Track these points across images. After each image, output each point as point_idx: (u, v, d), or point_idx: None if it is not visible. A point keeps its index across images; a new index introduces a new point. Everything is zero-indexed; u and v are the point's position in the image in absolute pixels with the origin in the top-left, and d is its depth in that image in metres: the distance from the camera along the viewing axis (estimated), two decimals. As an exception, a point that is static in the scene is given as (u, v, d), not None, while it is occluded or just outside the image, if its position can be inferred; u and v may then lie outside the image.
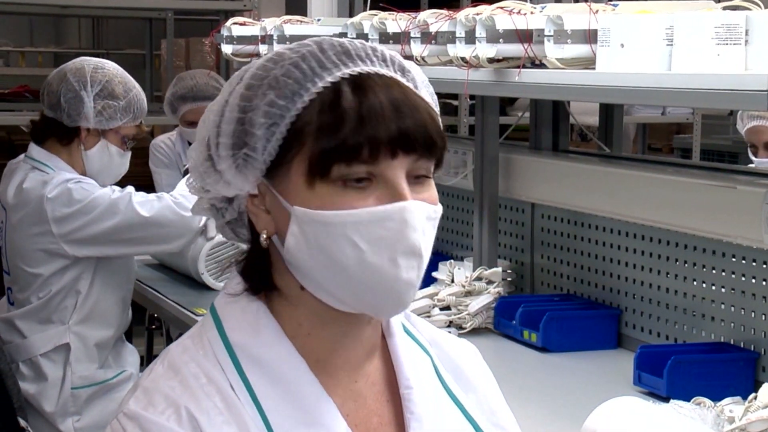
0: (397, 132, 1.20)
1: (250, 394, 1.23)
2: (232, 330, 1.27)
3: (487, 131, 3.34)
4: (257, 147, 1.23)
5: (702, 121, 6.57)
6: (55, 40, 12.27)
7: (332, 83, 1.22)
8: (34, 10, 8.86)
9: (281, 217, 1.24)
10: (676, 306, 2.84)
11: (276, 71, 1.24)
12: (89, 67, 3.25)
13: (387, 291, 1.21)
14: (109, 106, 3.22)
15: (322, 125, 1.20)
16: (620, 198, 3.01)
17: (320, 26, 3.54)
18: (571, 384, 2.71)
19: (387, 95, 1.22)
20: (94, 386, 3.25)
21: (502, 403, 1.40)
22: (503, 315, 3.09)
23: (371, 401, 1.30)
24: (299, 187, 1.21)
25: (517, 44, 2.41)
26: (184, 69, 7.10)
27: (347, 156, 1.19)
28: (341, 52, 1.24)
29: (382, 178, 1.20)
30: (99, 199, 3.17)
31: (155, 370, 1.26)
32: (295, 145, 1.21)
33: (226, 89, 1.28)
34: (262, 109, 1.22)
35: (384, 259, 1.20)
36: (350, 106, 1.20)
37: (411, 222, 1.20)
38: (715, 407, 2.26)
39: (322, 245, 1.20)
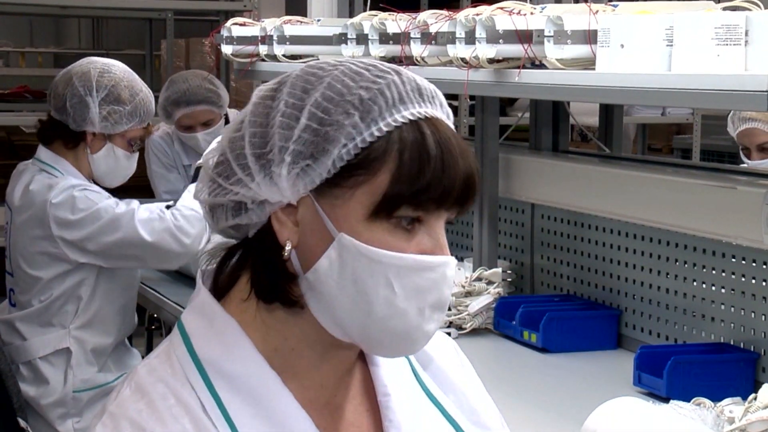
0: (464, 183, 1.20)
1: (222, 412, 1.20)
2: (202, 346, 1.24)
3: (487, 132, 3.34)
4: (325, 163, 1.19)
5: (702, 121, 6.58)
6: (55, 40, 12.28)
7: (411, 120, 1.20)
8: (34, 10, 8.86)
9: (315, 236, 1.21)
10: (676, 306, 2.84)
11: (361, 92, 1.20)
12: (95, 71, 3.23)
13: (403, 337, 1.21)
14: (114, 111, 3.20)
15: (405, 165, 1.18)
16: (620, 198, 3.01)
17: (320, 27, 3.54)
18: (571, 384, 2.71)
19: (457, 143, 1.21)
20: (95, 389, 3.25)
21: (483, 400, 1.39)
22: (503, 315, 3.09)
23: (349, 413, 1.28)
24: (355, 216, 1.19)
25: (517, 45, 2.41)
26: (184, 69, 7.11)
27: (420, 202, 1.18)
28: (416, 89, 1.23)
29: (427, 225, 1.20)
30: (102, 212, 3.15)
31: (122, 393, 1.23)
32: (363, 173, 1.19)
33: (287, 89, 1.22)
34: (346, 129, 1.19)
35: (413, 307, 1.20)
36: (434, 150, 1.19)
37: (449, 278, 1.22)
38: (714, 408, 2.26)
39: (357, 279, 1.19)
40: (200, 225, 3.19)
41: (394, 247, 1.19)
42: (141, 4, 7.23)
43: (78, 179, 3.23)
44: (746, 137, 3.91)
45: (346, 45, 3.04)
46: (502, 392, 2.52)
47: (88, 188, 3.20)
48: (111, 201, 3.19)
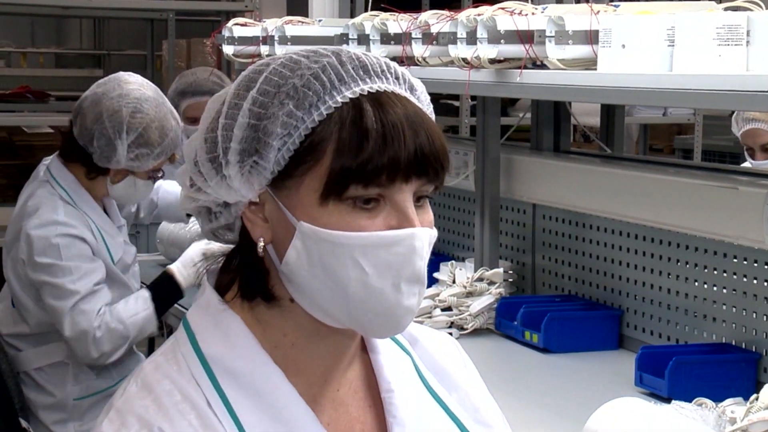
0: (415, 154, 1.19)
1: (227, 408, 1.21)
2: (207, 343, 1.24)
3: (489, 132, 3.34)
4: (269, 157, 1.20)
5: (703, 121, 6.58)
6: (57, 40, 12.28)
7: (352, 99, 1.20)
8: (35, 10, 8.87)
9: (281, 229, 1.22)
10: (677, 307, 2.84)
11: (295, 80, 1.21)
12: (127, 111, 3.08)
13: (386, 315, 1.21)
14: (143, 153, 3.11)
15: (344, 143, 1.18)
16: (621, 199, 3.01)
17: (321, 27, 3.54)
18: (572, 385, 2.71)
19: (406, 117, 1.20)
20: (95, 395, 3.22)
21: (485, 398, 1.39)
22: (504, 316, 3.09)
23: (353, 408, 1.28)
24: (309, 203, 1.19)
25: (518, 45, 2.41)
26: (185, 70, 7.11)
27: (366, 177, 1.17)
28: (359, 66, 1.22)
29: (391, 201, 1.19)
30: (58, 271, 3.05)
31: (128, 390, 1.24)
32: (310, 159, 1.19)
33: (232, 90, 1.25)
34: (281, 119, 1.19)
35: (387, 284, 1.19)
36: (372, 126, 1.18)
37: (419, 249, 1.19)
38: (716, 408, 2.26)
39: (325, 264, 1.19)
40: (119, 342, 3.11)
41: (355, 227, 1.18)
42: (142, 5, 7.23)
43: (87, 206, 3.15)
44: (750, 137, 3.92)
45: (348, 45, 3.04)
46: (504, 392, 2.52)
47: (70, 231, 3.08)
48: (73, 265, 3.06)
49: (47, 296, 3.08)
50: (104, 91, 3.14)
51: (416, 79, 1.27)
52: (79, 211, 3.16)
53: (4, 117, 7.16)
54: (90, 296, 3.08)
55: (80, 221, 3.14)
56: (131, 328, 3.13)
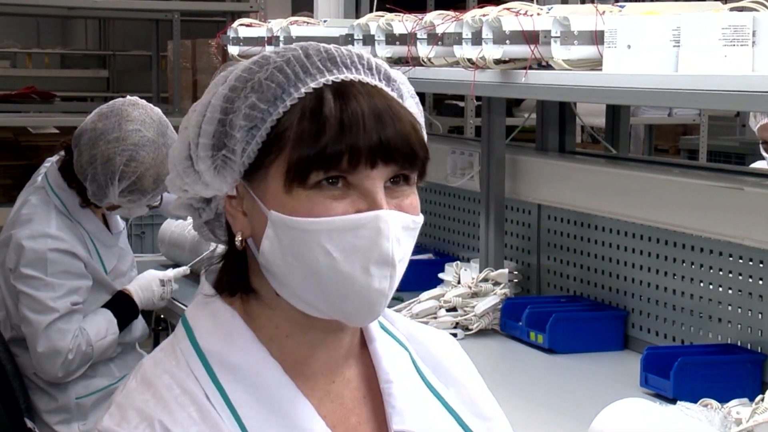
0: (378, 142, 1.20)
1: (226, 401, 1.22)
2: (204, 338, 1.26)
3: (494, 132, 3.33)
4: (236, 149, 1.22)
5: (709, 122, 6.58)
6: (62, 41, 12.31)
7: (315, 89, 1.22)
8: (40, 11, 8.89)
9: (258, 221, 1.23)
10: (682, 307, 2.83)
11: (260, 74, 1.23)
12: (121, 159, 3.02)
13: (358, 300, 1.21)
14: (135, 198, 3.09)
15: (303, 132, 1.20)
16: (626, 199, 3.01)
17: (326, 27, 3.54)
18: (577, 385, 2.71)
19: (369, 104, 1.21)
20: (97, 393, 3.22)
21: (483, 393, 1.40)
22: (510, 316, 3.09)
23: (349, 401, 1.29)
24: (276, 192, 1.21)
25: (523, 45, 2.41)
26: (190, 70, 7.12)
27: (326, 164, 1.19)
28: (326, 59, 1.24)
29: (359, 187, 1.20)
30: (41, 285, 3.03)
31: (128, 385, 1.25)
32: (275, 149, 1.21)
33: (211, 90, 1.27)
34: (243, 112, 1.22)
35: (356, 267, 1.19)
36: (331, 114, 1.20)
37: (385, 231, 1.19)
38: (722, 409, 2.26)
39: (295, 251, 1.20)
40: (84, 364, 3.10)
41: (320, 211, 1.19)
42: (147, 5, 7.24)
43: (81, 213, 3.14)
44: (766, 131, 3.93)
45: (353, 46, 3.03)
46: (509, 393, 2.52)
47: (59, 244, 3.06)
48: (57, 282, 3.04)
49: (25, 308, 3.06)
50: (103, 129, 3.06)
51: (396, 71, 1.29)
52: (73, 222, 3.14)
53: (10, 117, 7.18)
54: (68, 316, 3.07)
55: (73, 233, 3.12)
56: (97, 351, 3.14)
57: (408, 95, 1.28)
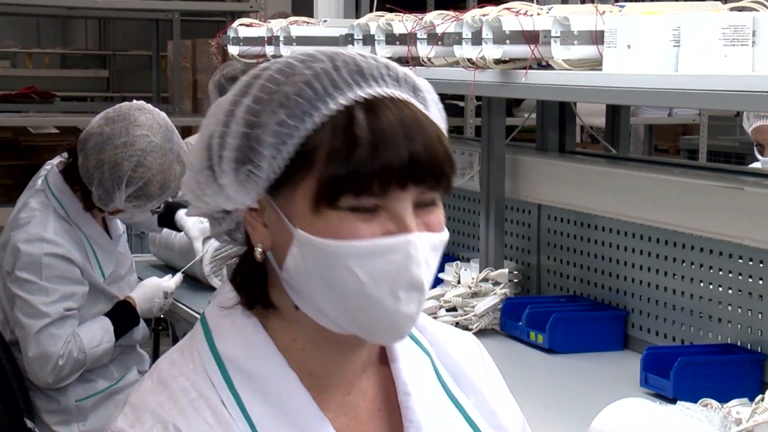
0: (409, 162, 1.17)
1: (241, 409, 1.20)
2: (223, 343, 1.24)
3: (494, 132, 3.33)
4: (262, 165, 1.19)
5: (709, 122, 6.58)
6: (62, 41, 12.31)
7: (345, 106, 1.18)
8: (41, 11, 8.89)
9: (281, 235, 1.21)
10: (682, 307, 2.83)
11: (287, 88, 1.19)
12: (129, 165, 3.00)
13: (385, 323, 1.19)
14: (141, 204, 3.08)
15: (334, 151, 1.16)
16: (627, 199, 3.01)
17: (326, 27, 3.54)
18: (577, 385, 2.70)
19: (400, 122, 1.18)
20: (97, 395, 3.22)
21: (505, 402, 1.38)
22: (510, 316, 3.09)
23: (364, 413, 1.28)
24: (304, 210, 1.18)
25: (523, 45, 2.41)
26: (190, 70, 7.13)
27: (357, 187, 1.16)
28: (354, 71, 1.21)
29: (388, 209, 1.17)
30: (35, 289, 3.02)
31: (144, 386, 1.24)
32: (303, 167, 1.18)
33: (229, 97, 1.23)
34: (272, 129, 1.18)
35: (384, 292, 1.17)
36: (363, 134, 1.16)
37: (415, 256, 1.17)
38: (722, 409, 2.26)
39: (321, 272, 1.18)
40: (76, 370, 3.09)
41: (350, 234, 1.16)
42: (147, 5, 7.24)
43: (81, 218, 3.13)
44: (760, 133, 3.93)
45: (353, 46, 3.04)
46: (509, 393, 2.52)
47: (55, 249, 3.05)
48: (51, 287, 3.02)
49: (18, 311, 3.06)
50: (110, 134, 3.05)
51: (421, 79, 1.25)
52: (72, 226, 3.13)
53: (10, 117, 7.18)
54: (60, 321, 3.06)
55: (71, 238, 3.11)
56: (90, 358, 3.13)
57: (432, 103, 1.25)
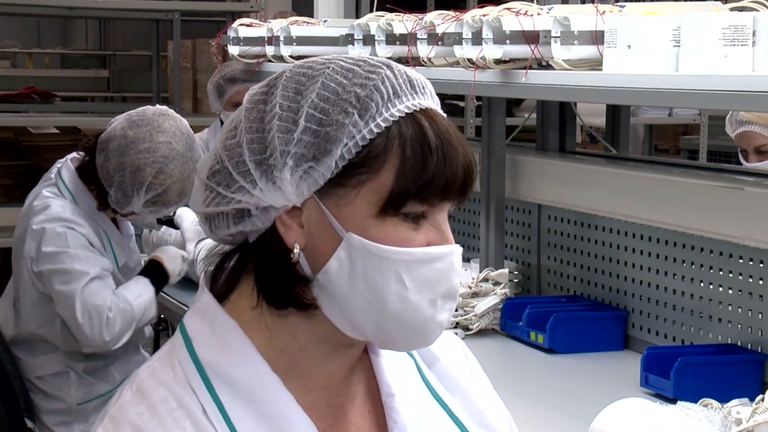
0: (464, 173, 1.21)
1: (223, 416, 1.20)
2: (203, 349, 1.23)
3: (494, 132, 3.33)
4: (328, 163, 1.18)
5: (709, 122, 6.57)
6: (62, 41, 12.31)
7: (407, 114, 1.20)
8: (41, 11, 8.88)
9: (322, 237, 1.20)
10: (683, 307, 2.83)
11: (356, 89, 1.20)
12: (151, 171, 3.01)
13: (418, 329, 1.21)
14: (158, 209, 3.10)
15: (408, 160, 1.18)
16: (627, 199, 3.01)
17: (327, 27, 3.54)
18: (577, 385, 2.71)
19: (455, 134, 1.22)
20: (99, 398, 3.22)
21: (490, 401, 1.39)
22: (510, 316, 3.09)
23: (351, 414, 1.28)
24: (362, 215, 1.19)
25: (523, 45, 2.41)
26: (190, 70, 7.12)
27: (425, 195, 1.19)
28: (407, 81, 1.23)
29: (430, 218, 1.21)
30: (65, 257, 3.03)
31: (123, 396, 1.22)
32: (366, 171, 1.18)
33: (280, 92, 1.22)
34: (347, 128, 1.18)
35: (425, 299, 1.20)
36: (434, 142, 1.19)
37: (456, 267, 1.22)
38: (722, 409, 2.26)
39: (368, 277, 1.19)
40: (128, 323, 3.09)
41: (402, 242, 1.19)
42: (148, 5, 7.23)
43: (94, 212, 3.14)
44: (744, 140, 3.92)
45: (353, 46, 3.04)
46: (509, 393, 2.51)
47: (75, 227, 3.07)
48: (81, 253, 3.04)
49: (55, 283, 3.04)
50: (134, 138, 3.05)
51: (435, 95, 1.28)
52: (87, 217, 3.14)
53: (10, 117, 7.17)
54: (99, 278, 3.07)
55: (89, 224, 3.14)
56: (137, 309, 3.12)
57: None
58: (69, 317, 3.05)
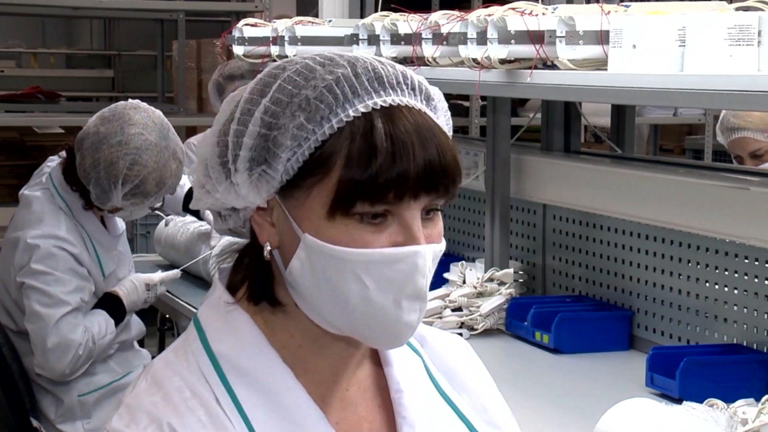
0: (424, 170, 1.18)
1: (236, 406, 1.21)
2: (216, 341, 1.25)
3: (499, 132, 3.33)
4: (278, 167, 1.19)
5: (714, 122, 6.55)
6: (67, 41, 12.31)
7: (363, 113, 1.19)
8: (46, 11, 8.89)
9: (288, 237, 1.22)
10: (688, 307, 2.83)
11: (308, 92, 1.19)
12: (124, 163, 3.03)
13: (386, 330, 1.21)
14: (138, 201, 3.11)
15: (353, 158, 1.17)
16: (632, 199, 3.00)
17: (331, 27, 3.54)
18: (583, 385, 2.70)
19: (416, 131, 1.19)
20: (100, 390, 3.23)
21: (495, 399, 1.39)
22: (515, 316, 3.09)
23: (361, 408, 1.29)
24: (315, 216, 1.19)
25: (528, 45, 2.41)
26: (195, 70, 7.12)
27: (374, 195, 1.17)
28: (374, 78, 1.21)
29: (398, 217, 1.19)
30: (51, 280, 3.05)
31: (138, 386, 1.25)
32: (319, 172, 1.18)
33: (245, 95, 1.23)
34: (291, 132, 1.18)
35: (389, 299, 1.19)
36: (382, 142, 1.17)
37: (421, 268, 1.19)
38: (728, 409, 2.26)
39: (328, 277, 1.19)
40: (87, 361, 3.12)
41: (359, 242, 1.18)
42: (152, 5, 7.24)
43: (83, 215, 3.16)
44: (737, 147, 3.92)
45: (358, 46, 3.04)
46: (514, 393, 2.52)
47: (67, 247, 3.08)
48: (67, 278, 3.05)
49: (35, 303, 3.06)
50: (106, 133, 3.07)
51: (434, 88, 1.26)
52: (75, 222, 3.16)
53: (15, 117, 7.18)
54: (77, 311, 3.09)
55: (78, 235, 3.14)
56: (98, 349, 3.15)
57: (442, 112, 1.26)
58: (38, 340, 3.07)
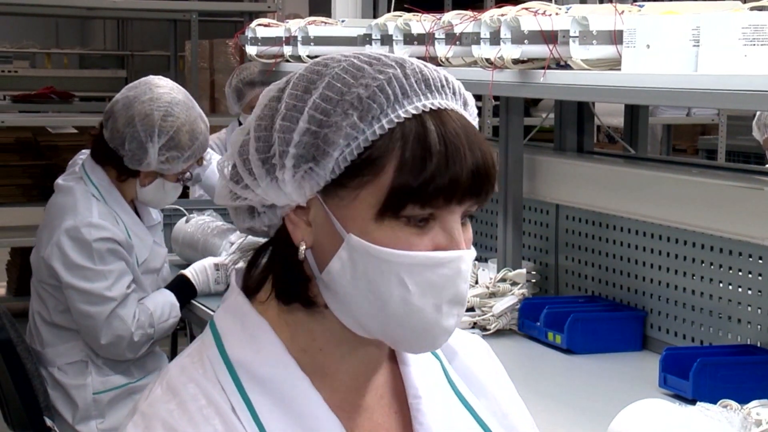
0: (472, 175, 1.18)
1: (252, 415, 1.20)
2: (233, 347, 1.24)
3: (512, 132, 3.33)
4: (327, 165, 1.18)
5: (727, 122, 6.55)
6: (81, 41, 12.35)
7: (414, 115, 1.18)
8: (59, 11, 8.92)
9: (326, 236, 1.20)
10: (702, 308, 2.82)
11: (359, 90, 1.18)
12: (158, 114, 3.15)
13: (423, 333, 1.20)
14: (173, 156, 3.18)
15: (407, 161, 1.16)
16: (645, 199, 3.00)
17: (344, 27, 3.54)
18: (596, 386, 2.70)
19: (465, 134, 1.19)
20: (115, 390, 3.25)
21: (514, 404, 1.39)
22: (528, 316, 3.08)
23: (378, 414, 1.28)
24: (361, 216, 1.18)
25: (542, 45, 2.41)
26: (208, 70, 7.14)
27: (426, 198, 1.16)
28: (421, 80, 1.20)
29: (441, 221, 1.19)
30: (92, 275, 3.09)
31: (153, 392, 1.23)
32: (368, 173, 1.17)
33: (290, 90, 1.21)
34: (344, 131, 1.17)
35: (429, 303, 1.18)
36: (436, 144, 1.17)
37: (464, 273, 1.20)
38: (742, 410, 2.25)
39: (370, 278, 1.18)
40: (148, 342, 3.21)
41: (404, 245, 1.17)
42: (166, 6, 7.26)
43: (118, 205, 3.21)
44: None
45: (371, 45, 3.04)
46: (527, 393, 2.50)
47: (104, 238, 3.12)
48: (110, 271, 3.11)
49: (81, 303, 3.12)
50: (135, 94, 3.19)
51: (468, 93, 1.26)
52: (110, 210, 3.21)
53: (29, 117, 7.21)
54: (125, 301, 3.15)
55: (112, 221, 3.20)
56: (159, 332, 3.25)
57: (474, 117, 1.26)
58: (91, 339, 3.17)
